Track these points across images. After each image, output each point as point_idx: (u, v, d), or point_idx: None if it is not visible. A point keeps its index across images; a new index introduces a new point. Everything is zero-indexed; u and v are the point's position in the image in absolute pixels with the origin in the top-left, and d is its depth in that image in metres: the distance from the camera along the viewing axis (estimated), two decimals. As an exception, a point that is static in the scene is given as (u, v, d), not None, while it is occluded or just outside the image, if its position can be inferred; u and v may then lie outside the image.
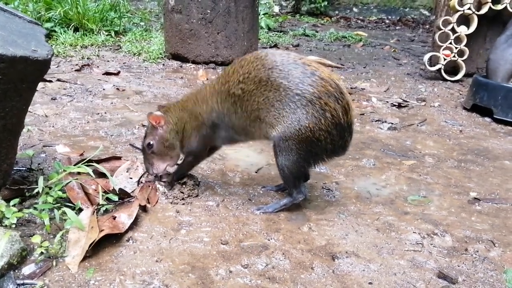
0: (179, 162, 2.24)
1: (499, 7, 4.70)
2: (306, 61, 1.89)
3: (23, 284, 1.48)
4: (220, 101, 1.97)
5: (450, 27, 4.86)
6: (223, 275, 1.59)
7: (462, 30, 4.86)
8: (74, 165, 2.10)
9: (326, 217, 2.04)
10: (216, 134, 2.06)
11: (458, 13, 4.81)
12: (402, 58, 6.27)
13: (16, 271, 1.54)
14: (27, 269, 1.55)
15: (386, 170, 2.60)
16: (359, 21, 10.49)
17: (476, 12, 4.77)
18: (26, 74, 1.68)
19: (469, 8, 4.76)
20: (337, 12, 11.46)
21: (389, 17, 11.32)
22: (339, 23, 10.08)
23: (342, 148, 1.97)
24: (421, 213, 2.13)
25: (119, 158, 2.42)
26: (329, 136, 1.87)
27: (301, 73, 1.84)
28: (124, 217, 1.86)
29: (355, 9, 11.75)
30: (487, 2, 4.70)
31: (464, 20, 4.90)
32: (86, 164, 2.07)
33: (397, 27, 9.93)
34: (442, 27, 4.88)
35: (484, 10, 4.75)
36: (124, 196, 2.06)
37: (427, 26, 10.11)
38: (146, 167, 2.18)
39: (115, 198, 2.01)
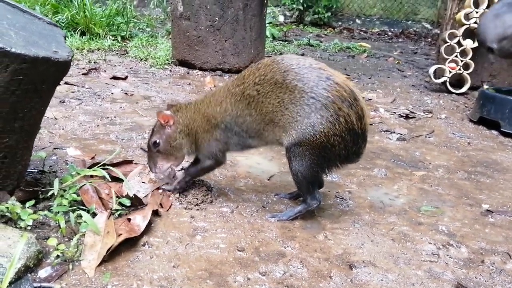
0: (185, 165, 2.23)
1: (505, 21, 4.73)
2: (322, 66, 1.90)
3: (40, 287, 1.46)
4: (234, 102, 1.96)
5: (456, 40, 4.89)
6: (241, 282, 1.58)
7: (468, 44, 4.89)
8: (88, 168, 2.08)
9: (341, 226, 2.03)
10: (229, 139, 2.04)
11: (464, 27, 4.84)
12: (406, 70, 6.30)
13: (33, 273, 1.52)
14: (43, 272, 1.53)
15: (397, 180, 2.59)
16: (362, 33, 10.54)
17: (482, 26, 4.79)
18: (47, 75, 1.68)
19: (475, 22, 4.79)
20: (340, 23, 11.52)
21: (392, 29, 11.39)
22: (342, 34, 10.13)
23: (356, 155, 1.97)
24: (435, 224, 2.12)
25: (130, 162, 2.40)
26: (343, 141, 1.87)
27: (316, 76, 1.84)
28: (139, 219, 1.85)
29: (358, 21, 11.83)
30: (493, 16, 4.73)
31: (470, 33, 4.93)
32: (100, 167, 2.06)
33: (400, 40, 9.98)
34: (448, 40, 4.90)
35: (490, 24, 4.78)
36: (136, 202, 2.04)
37: (429, 39, 10.17)
38: (149, 165, 2.16)
39: (127, 202, 1.98)
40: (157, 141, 2.09)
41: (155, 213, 1.97)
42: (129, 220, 1.84)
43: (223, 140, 2.03)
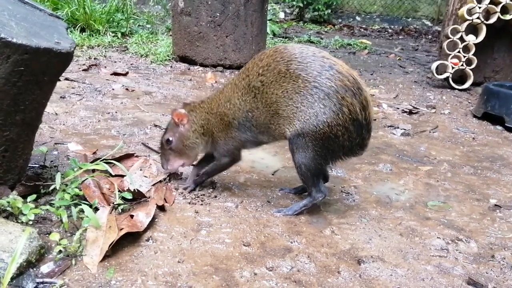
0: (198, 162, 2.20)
1: (508, 17, 4.70)
2: (325, 54, 1.87)
3: (42, 282, 1.43)
4: (241, 96, 1.93)
5: (458, 36, 4.85)
6: (248, 277, 1.54)
7: (471, 39, 4.85)
8: (91, 162, 2.05)
9: (348, 221, 1.99)
10: (244, 134, 2.00)
11: (467, 22, 4.80)
12: (407, 66, 6.27)
13: (35, 269, 1.48)
14: (45, 268, 1.50)
15: (403, 175, 2.56)
16: (362, 30, 10.50)
17: (485, 22, 4.76)
18: (49, 66, 1.64)
19: (478, 18, 4.75)
20: (340, 20, 11.48)
21: (392, 26, 11.35)
22: (343, 31, 10.09)
23: (360, 147, 1.93)
24: (443, 219, 2.09)
25: (131, 155, 2.35)
26: (347, 132, 1.84)
27: (319, 66, 1.81)
28: (142, 216, 1.81)
29: (358, 18, 11.79)
30: (496, 12, 4.70)
31: (473, 29, 4.89)
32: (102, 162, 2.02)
33: (400, 36, 9.95)
34: (450, 36, 4.87)
35: (492, 19, 4.75)
36: (139, 196, 2.00)
37: (430, 36, 10.14)
38: (161, 162, 2.14)
39: (129, 196, 1.94)
40: (170, 139, 2.06)
41: (161, 208, 1.93)
42: (131, 216, 1.80)
43: (238, 137, 2.00)
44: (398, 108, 4.01)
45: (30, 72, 1.58)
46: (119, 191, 1.96)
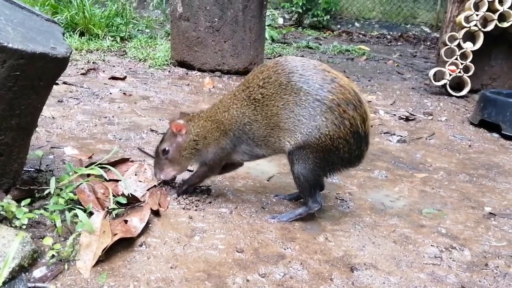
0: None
1: (505, 24, 4.73)
2: (326, 67, 1.88)
3: (34, 287, 1.42)
4: (240, 108, 1.93)
5: (456, 43, 4.87)
6: (240, 284, 1.54)
7: (468, 46, 4.88)
8: (86, 167, 2.05)
9: (342, 227, 2.00)
10: (236, 148, 2.01)
11: (464, 30, 4.83)
12: (405, 73, 6.29)
13: (27, 273, 1.48)
14: (38, 272, 1.50)
15: (398, 182, 2.56)
16: (361, 36, 10.54)
17: (482, 29, 4.79)
18: (45, 71, 1.65)
19: (475, 25, 4.78)
20: (339, 26, 11.52)
21: (391, 32, 11.40)
22: (341, 37, 10.13)
23: (357, 159, 1.95)
24: (437, 226, 2.09)
25: (127, 159, 2.36)
26: (347, 144, 1.85)
27: (321, 79, 1.82)
28: (136, 221, 1.81)
29: (357, 24, 11.83)
30: (493, 20, 4.73)
31: (470, 36, 4.92)
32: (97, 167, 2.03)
33: (399, 43, 9.99)
34: (448, 43, 4.89)
35: (490, 27, 4.77)
36: (133, 201, 2.01)
37: (428, 43, 10.18)
38: (155, 171, 2.14)
39: (124, 201, 1.94)
40: (167, 148, 2.05)
41: (155, 213, 1.93)
42: (125, 221, 1.80)
43: (228, 149, 2.00)
44: (395, 114, 4.02)
45: (26, 77, 1.58)
46: (113, 195, 1.97)
